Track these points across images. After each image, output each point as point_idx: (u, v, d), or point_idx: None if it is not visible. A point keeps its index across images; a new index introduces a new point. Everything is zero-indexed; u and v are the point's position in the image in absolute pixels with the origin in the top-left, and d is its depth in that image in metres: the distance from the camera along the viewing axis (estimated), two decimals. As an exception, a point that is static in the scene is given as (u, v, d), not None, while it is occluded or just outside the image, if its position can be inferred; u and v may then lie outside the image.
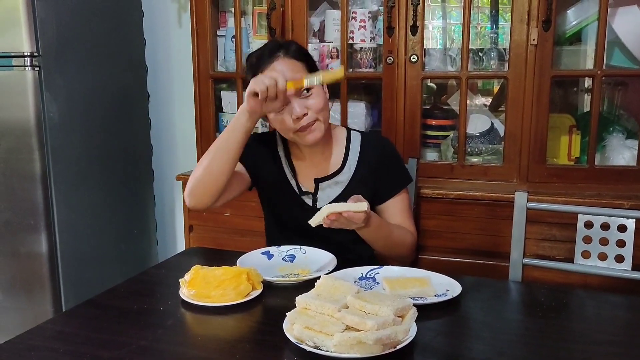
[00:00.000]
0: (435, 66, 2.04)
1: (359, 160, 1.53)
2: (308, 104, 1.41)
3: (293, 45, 1.48)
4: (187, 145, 2.54)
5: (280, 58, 1.43)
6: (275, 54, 1.43)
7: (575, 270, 1.49)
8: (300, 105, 1.40)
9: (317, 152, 1.53)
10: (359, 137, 1.57)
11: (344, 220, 1.27)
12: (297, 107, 1.40)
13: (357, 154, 1.54)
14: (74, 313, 1.19)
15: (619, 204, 1.73)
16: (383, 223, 1.45)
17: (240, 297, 1.17)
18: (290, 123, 1.41)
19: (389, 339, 0.93)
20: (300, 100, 1.41)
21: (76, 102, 2.17)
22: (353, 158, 1.54)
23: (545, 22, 1.81)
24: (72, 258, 2.18)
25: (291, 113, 1.40)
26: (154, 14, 2.58)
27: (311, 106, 1.41)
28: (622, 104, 2.04)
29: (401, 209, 1.54)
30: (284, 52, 1.44)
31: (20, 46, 1.98)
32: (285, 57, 1.43)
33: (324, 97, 1.45)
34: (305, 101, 1.41)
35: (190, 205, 1.45)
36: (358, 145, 1.55)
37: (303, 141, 1.45)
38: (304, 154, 1.54)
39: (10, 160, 2.07)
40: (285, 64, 1.42)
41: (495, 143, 2.03)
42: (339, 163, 1.54)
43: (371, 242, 1.44)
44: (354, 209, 1.26)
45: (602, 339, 1.05)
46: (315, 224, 1.26)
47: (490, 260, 1.88)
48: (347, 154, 1.54)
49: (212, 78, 2.24)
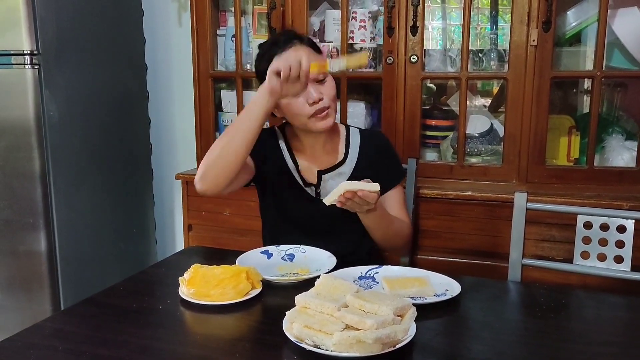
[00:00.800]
0: (435, 67, 2.04)
1: (360, 154, 1.57)
2: (323, 90, 1.45)
3: (306, 38, 1.52)
4: (187, 145, 2.54)
5: (297, 44, 1.45)
6: (292, 41, 1.46)
7: (575, 271, 1.49)
8: (316, 90, 1.43)
9: (319, 144, 1.55)
10: (358, 132, 1.61)
11: (358, 199, 1.29)
12: (313, 92, 1.42)
13: (357, 147, 1.57)
14: (73, 311, 1.19)
15: (618, 205, 1.73)
16: (385, 212, 1.49)
17: (239, 296, 1.17)
18: (306, 107, 1.43)
19: (388, 338, 0.93)
20: (316, 86, 1.44)
21: (76, 101, 2.17)
22: (354, 151, 1.57)
23: (545, 23, 1.81)
24: (71, 257, 2.17)
25: (307, 98, 1.43)
26: (154, 13, 2.58)
27: (326, 92, 1.45)
28: (622, 105, 2.04)
29: (397, 201, 1.58)
30: (299, 41, 1.47)
31: (20, 44, 1.98)
32: (302, 44, 1.46)
33: (335, 88, 1.48)
34: (320, 87, 1.45)
35: (201, 190, 1.40)
36: (358, 139, 1.59)
37: (315, 127, 1.46)
38: (305, 146, 1.56)
39: (9, 158, 2.07)
40: (302, 50, 1.44)
41: (495, 144, 2.03)
42: (341, 155, 1.57)
43: (373, 229, 1.47)
44: (369, 189, 1.28)
45: (601, 339, 1.06)
46: (329, 202, 1.29)
47: (489, 260, 1.89)
48: (348, 147, 1.57)
49: (212, 77, 2.24)
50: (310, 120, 1.45)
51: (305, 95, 1.42)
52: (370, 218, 1.42)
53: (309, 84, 1.41)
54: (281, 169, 1.56)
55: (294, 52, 1.42)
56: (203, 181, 1.39)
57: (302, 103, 1.43)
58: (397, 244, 1.54)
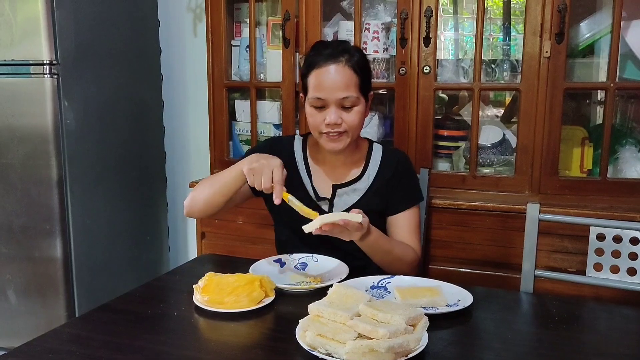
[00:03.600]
0: (448, 77, 2.05)
1: (378, 172, 1.55)
2: (345, 116, 1.44)
3: (357, 55, 1.47)
4: (200, 153, 2.57)
5: (340, 64, 1.43)
6: (341, 57, 1.43)
7: (587, 283, 1.48)
8: (337, 113, 1.43)
9: (340, 158, 1.54)
10: (380, 149, 1.59)
11: (339, 228, 1.28)
12: (333, 115, 1.42)
13: (377, 165, 1.55)
14: (90, 317, 1.21)
15: (631, 217, 1.72)
16: (383, 238, 1.45)
17: (253, 304, 1.19)
18: (321, 124, 1.44)
19: (400, 348, 0.94)
20: (339, 111, 1.43)
21: (93, 110, 2.21)
22: (373, 168, 1.55)
23: (558, 35, 1.81)
24: (86, 263, 2.20)
25: (326, 116, 1.43)
26: (170, 24, 2.62)
27: (347, 120, 1.44)
28: (635, 116, 2.04)
29: (408, 225, 1.55)
30: (348, 58, 1.44)
31: (39, 54, 2.02)
32: (345, 65, 1.43)
33: (361, 117, 1.46)
34: (343, 112, 1.44)
35: (187, 215, 1.58)
36: (379, 157, 1.57)
37: (325, 145, 1.48)
38: (325, 158, 1.55)
39: (27, 166, 2.11)
40: (342, 73, 1.42)
41: (507, 154, 2.03)
42: (359, 171, 1.55)
43: (369, 254, 1.44)
44: (349, 219, 1.27)
45: (614, 352, 1.05)
46: (307, 230, 1.27)
47: (501, 271, 1.88)
48: (367, 163, 1.56)
49: (226, 87, 2.27)
50: (321, 136, 1.46)
51: (326, 113, 1.43)
52: (364, 243, 1.39)
53: (333, 106, 1.42)
54: (294, 181, 1.55)
55: (265, 160, 1.35)
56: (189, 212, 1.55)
57: (321, 118, 1.44)
58: (400, 270, 1.44)
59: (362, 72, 1.45)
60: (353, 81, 1.43)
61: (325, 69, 1.42)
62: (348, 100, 1.43)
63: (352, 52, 1.46)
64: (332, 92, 1.42)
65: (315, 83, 1.44)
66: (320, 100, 1.43)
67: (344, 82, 1.42)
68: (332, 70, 1.42)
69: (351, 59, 1.44)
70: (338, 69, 1.42)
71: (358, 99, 1.44)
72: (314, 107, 1.45)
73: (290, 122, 2.16)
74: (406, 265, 1.48)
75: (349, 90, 1.42)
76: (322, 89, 1.43)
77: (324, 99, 1.43)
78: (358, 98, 1.44)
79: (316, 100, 1.44)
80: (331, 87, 1.42)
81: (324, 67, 1.43)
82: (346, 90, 1.42)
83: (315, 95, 1.44)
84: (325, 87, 1.42)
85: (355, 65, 1.44)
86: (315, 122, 1.45)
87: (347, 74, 1.42)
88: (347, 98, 1.42)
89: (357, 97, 1.44)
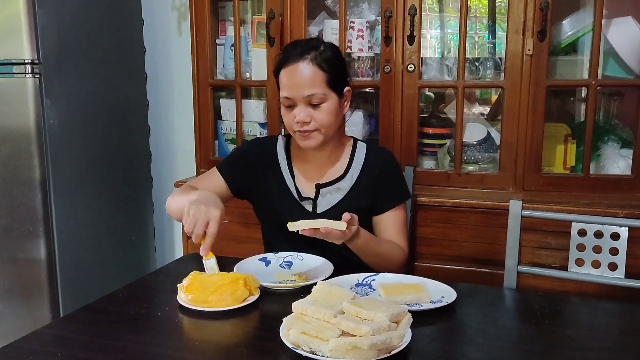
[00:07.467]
0: (433, 75, 2.06)
1: (362, 170, 1.55)
2: (314, 114, 1.44)
3: (328, 51, 1.47)
4: (186, 153, 2.56)
5: (305, 61, 1.42)
6: (307, 54, 1.43)
7: (569, 278, 1.50)
8: (305, 112, 1.43)
9: (324, 156, 1.54)
10: (365, 148, 1.59)
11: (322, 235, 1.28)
12: (301, 113, 1.43)
13: (361, 163, 1.56)
14: (72, 318, 1.20)
15: (613, 213, 1.74)
16: (372, 240, 1.46)
17: (237, 303, 1.18)
18: (292, 123, 1.45)
19: (383, 345, 0.94)
20: (308, 109, 1.44)
21: (76, 109, 2.19)
22: (356, 167, 1.55)
23: (540, 33, 1.83)
24: (70, 264, 2.18)
25: (295, 114, 1.44)
26: (154, 22, 2.61)
27: (316, 118, 1.44)
28: (618, 113, 2.06)
29: (395, 224, 1.55)
30: (315, 55, 1.43)
31: (21, 53, 1.99)
32: (310, 63, 1.42)
33: (332, 114, 1.45)
34: (311, 110, 1.44)
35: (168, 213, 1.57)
36: (363, 154, 1.57)
37: (299, 142, 1.49)
38: (308, 156, 1.56)
39: (10, 166, 2.08)
40: (306, 70, 1.42)
41: (492, 152, 2.05)
42: (342, 170, 1.55)
43: (359, 255, 1.45)
44: (332, 226, 1.26)
45: (596, 346, 1.07)
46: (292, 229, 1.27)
47: (486, 267, 1.89)
48: (351, 162, 1.56)
49: (211, 86, 2.26)
50: (295, 134, 1.48)
51: (296, 112, 1.44)
52: (353, 245, 1.39)
53: (301, 104, 1.43)
54: (276, 181, 1.55)
55: (206, 207, 1.31)
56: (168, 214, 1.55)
57: (292, 117, 1.45)
58: (388, 269, 1.43)
59: (331, 68, 1.45)
60: (319, 78, 1.43)
61: (291, 67, 1.43)
62: (315, 97, 1.43)
63: (322, 48, 1.46)
64: (298, 90, 1.42)
65: (283, 82, 1.46)
66: (288, 99, 1.45)
67: (308, 79, 1.42)
68: (297, 68, 1.43)
69: (319, 56, 1.44)
70: (302, 66, 1.42)
71: (326, 95, 1.44)
72: (285, 106, 1.47)
73: (275, 121, 2.16)
74: (395, 264, 1.49)
75: (314, 87, 1.42)
76: (288, 88, 1.44)
77: (291, 98, 1.44)
78: (325, 95, 1.44)
79: (285, 100, 1.46)
80: (296, 85, 1.43)
81: (290, 65, 1.44)
82: (311, 87, 1.42)
83: (283, 94, 1.46)
84: (291, 85, 1.44)
85: (322, 62, 1.43)
86: (288, 121, 1.47)
87: (311, 71, 1.42)
88: (313, 95, 1.42)
89: (324, 94, 1.43)
